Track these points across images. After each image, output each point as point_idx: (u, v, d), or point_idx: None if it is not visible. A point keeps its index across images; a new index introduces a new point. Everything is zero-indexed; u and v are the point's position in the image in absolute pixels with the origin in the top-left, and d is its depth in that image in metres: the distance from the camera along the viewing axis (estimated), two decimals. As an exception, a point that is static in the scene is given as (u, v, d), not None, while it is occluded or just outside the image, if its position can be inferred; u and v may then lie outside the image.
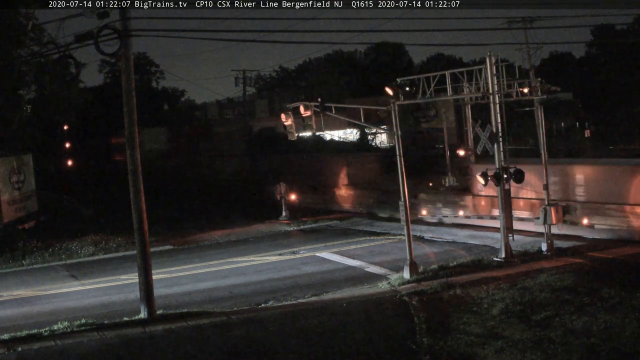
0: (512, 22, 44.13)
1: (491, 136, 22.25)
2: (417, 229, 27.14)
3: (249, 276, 22.76)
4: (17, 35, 31.84)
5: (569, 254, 22.13)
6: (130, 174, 18.18)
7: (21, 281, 24.30)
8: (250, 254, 26.71)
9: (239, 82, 63.54)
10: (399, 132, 21.42)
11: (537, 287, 18.15)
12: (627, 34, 61.06)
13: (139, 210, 18.14)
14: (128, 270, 23.81)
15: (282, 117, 24.45)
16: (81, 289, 22.61)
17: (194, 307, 18.75)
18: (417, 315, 16.70)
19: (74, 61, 19.15)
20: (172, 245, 29.78)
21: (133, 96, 18.08)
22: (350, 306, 18.00)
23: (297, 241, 28.89)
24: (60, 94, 36.80)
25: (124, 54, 17.74)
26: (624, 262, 20.46)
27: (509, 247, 21.80)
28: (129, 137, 18.11)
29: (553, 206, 22.68)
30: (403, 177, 21.14)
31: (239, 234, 31.72)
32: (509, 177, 21.62)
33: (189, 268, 24.70)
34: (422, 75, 24.26)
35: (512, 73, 24.63)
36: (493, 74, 22.09)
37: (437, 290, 18.76)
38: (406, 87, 22.16)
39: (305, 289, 20.30)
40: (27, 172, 36.76)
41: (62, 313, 18.87)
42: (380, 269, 22.36)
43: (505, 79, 23.00)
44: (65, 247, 29.62)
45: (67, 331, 16.84)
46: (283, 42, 74.05)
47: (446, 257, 22.83)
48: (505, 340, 14.39)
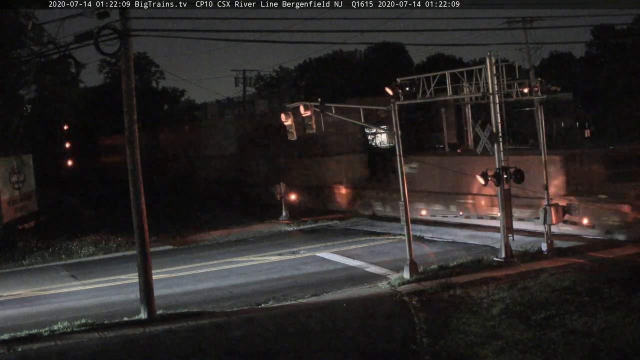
0: (512, 22, 44.09)
1: (491, 136, 22.24)
2: (417, 229, 27.14)
3: (249, 276, 22.75)
4: (17, 35, 31.84)
5: (569, 254, 22.12)
6: (130, 174, 18.18)
7: (21, 281, 24.30)
8: (250, 254, 26.71)
9: (239, 82, 63.51)
10: (399, 132, 21.43)
11: (537, 287, 18.15)
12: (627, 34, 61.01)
13: (139, 210, 18.14)
14: (128, 270, 23.80)
15: (282, 117, 24.46)
16: (81, 289, 22.61)
17: (194, 307, 18.75)
18: (417, 315, 16.70)
19: (74, 61, 19.17)
20: (172, 245, 29.79)
21: (133, 96, 18.09)
22: (350, 306, 18.00)
23: (297, 241, 28.89)
24: (60, 94, 36.83)
25: (124, 54, 17.75)
26: (624, 262, 20.45)
27: (509, 247, 21.79)
28: (129, 137, 18.11)
29: (553, 206, 22.66)
30: (403, 177, 21.14)
31: (239, 234, 31.73)
32: (509, 177, 21.62)
33: (189, 268, 24.70)
34: (422, 75, 24.26)
35: (512, 73, 24.60)
36: (493, 74, 22.08)
37: (437, 290, 18.75)
38: (406, 87, 22.15)
39: (305, 289, 20.29)
40: (27, 172, 36.78)
41: (62, 313, 18.87)
42: (380, 269, 22.36)
43: (505, 79, 22.99)
44: (65, 247, 29.64)
45: (67, 331, 16.84)
46: (283, 42, 74.10)
47: (446, 257, 22.83)
48: (505, 340, 14.38)
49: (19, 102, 35.92)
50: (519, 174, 21.65)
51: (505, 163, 21.83)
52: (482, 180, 21.81)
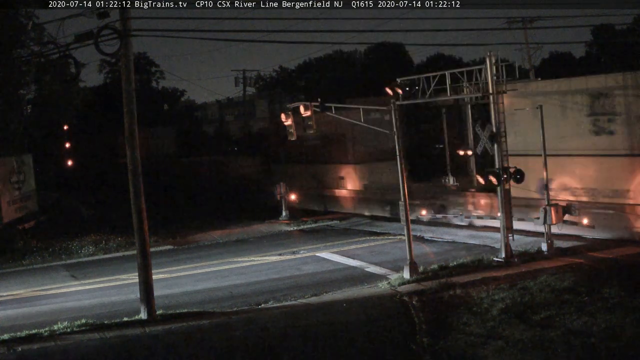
0: (512, 22, 44.12)
1: (491, 136, 22.23)
2: (417, 229, 27.15)
3: (249, 276, 22.75)
4: (17, 35, 31.83)
5: (569, 254, 22.12)
6: (130, 174, 18.18)
7: (21, 281, 24.30)
8: (250, 254, 26.71)
9: (239, 82, 63.54)
10: (399, 132, 21.42)
11: (537, 287, 18.14)
12: (627, 34, 61.03)
13: (139, 210, 18.14)
14: (128, 270, 23.80)
15: (282, 117, 24.47)
16: (81, 289, 22.61)
17: (194, 307, 18.74)
18: (417, 315, 16.69)
19: (74, 61, 19.15)
20: (172, 245, 29.79)
21: (133, 96, 18.08)
22: (350, 306, 18.00)
23: (297, 241, 28.88)
24: (60, 94, 36.81)
25: (124, 54, 17.74)
26: (624, 262, 20.45)
27: (509, 247, 21.78)
28: (129, 137, 18.10)
29: (553, 206, 22.66)
30: (403, 177, 21.13)
31: (239, 234, 31.73)
32: (509, 177, 21.61)
33: (189, 268, 24.70)
34: (422, 75, 24.26)
35: (512, 73, 24.62)
36: (493, 74, 22.08)
37: (437, 290, 18.74)
38: (406, 87, 22.15)
39: (305, 289, 20.29)
40: (27, 172, 36.75)
41: (62, 313, 18.87)
42: (380, 269, 22.36)
43: (505, 79, 23.00)
44: (65, 247, 29.63)
45: (67, 331, 16.84)
46: (283, 42, 73.90)
47: (446, 257, 22.82)
48: (505, 340, 14.38)
49: (19, 102, 35.90)
50: (519, 174, 21.66)
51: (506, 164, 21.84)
52: (482, 179, 21.81)
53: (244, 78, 63.25)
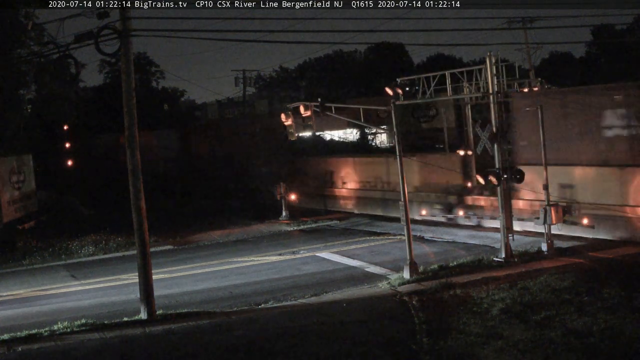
0: (512, 22, 44.16)
1: (491, 136, 22.24)
2: (417, 229, 27.15)
3: (248, 276, 22.75)
4: (17, 35, 31.84)
5: (569, 254, 22.12)
6: (130, 174, 18.18)
7: (21, 281, 24.31)
8: (250, 254, 26.71)
9: (239, 82, 63.46)
10: (399, 132, 21.42)
11: (537, 287, 18.14)
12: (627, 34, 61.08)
13: (139, 210, 18.14)
14: (128, 270, 23.81)
15: (282, 117, 24.49)
16: (81, 289, 22.61)
17: (194, 307, 18.75)
18: (417, 315, 16.68)
19: (74, 61, 19.17)
20: (172, 245, 29.79)
21: (133, 96, 18.08)
22: (350, 306, 18.00)
23: (297, 241, 28.88)
24: (60, 94, 36.81)
25: (124, 54, 17.74)
26: (624, 262, 20.45)
27: (509, 247, 21.79)
28: (129, 137, 18.10)
29: (553, 206, 22.66)
30: (403, 177, 21.14)
31: (239, 234, 31.73)
32: (509, 177, 21.61)
33: (189, 268, 24.70)
34: (422, 75, 24.28)
35: (512, 73, 24.64)
36: (493, 74, 22.09)
37: (437, 290, 18.74)
38: (406, 87, 22.16)
39: (305, 289, 20.30)
40: (27, 172, 36.75)
41: (62, 313, 18.88)
42: (380, 269, 22.36)
43: (505, 78, 23.01)
44: (65, 247, 29.64)
45: (67, 331, 16.85)
46: (283, 42, 73.98)
47: (446, 257, 22.83)
48: (505, 340, 14.36)
49: (19, 102, 35.90)
50: (519, 174, 21.66)
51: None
52: (482, 179, 21.81)
53: (244, 78, 63.19)
